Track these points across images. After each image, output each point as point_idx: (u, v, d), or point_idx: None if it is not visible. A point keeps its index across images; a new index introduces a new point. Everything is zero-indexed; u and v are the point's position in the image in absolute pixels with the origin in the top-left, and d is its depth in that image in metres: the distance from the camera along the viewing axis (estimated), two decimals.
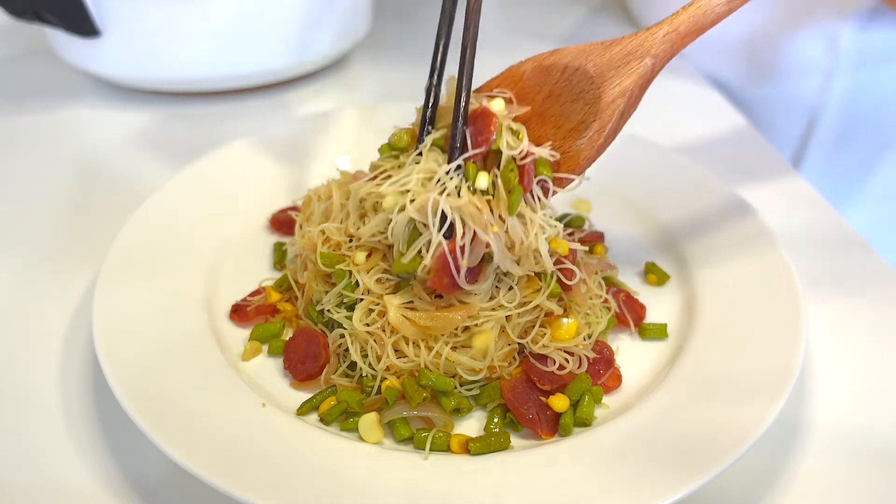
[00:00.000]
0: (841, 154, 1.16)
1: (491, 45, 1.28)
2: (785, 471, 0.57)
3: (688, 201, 0.79)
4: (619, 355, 0.64)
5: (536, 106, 0.63)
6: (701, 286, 0.69)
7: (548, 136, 0.62)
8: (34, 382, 0.63)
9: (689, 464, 0.50)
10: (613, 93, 0.59)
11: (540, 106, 0.63)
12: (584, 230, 0.77)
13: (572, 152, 0.61)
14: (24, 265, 0.77)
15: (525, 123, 0.62)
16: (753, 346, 0.60)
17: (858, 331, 0.70)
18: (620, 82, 0.59)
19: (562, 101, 0.61)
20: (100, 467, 0.56)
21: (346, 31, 1.13)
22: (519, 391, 0.58)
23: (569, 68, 0.61)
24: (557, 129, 0.62)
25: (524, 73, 0.64)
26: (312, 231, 0.66)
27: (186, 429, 0.52)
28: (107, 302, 0.62)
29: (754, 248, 0.70)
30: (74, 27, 0.95)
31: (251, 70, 1.05)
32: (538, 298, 0.60)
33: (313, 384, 0.61)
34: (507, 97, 0.63)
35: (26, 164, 0.95)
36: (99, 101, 1.09)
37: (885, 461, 0.57)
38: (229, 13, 0.98)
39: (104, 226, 0.81)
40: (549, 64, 0.63)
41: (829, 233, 0.83)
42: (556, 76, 0.62)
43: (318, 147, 0.88)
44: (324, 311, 0.65)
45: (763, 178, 0.92)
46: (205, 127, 1.03)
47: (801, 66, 1.10)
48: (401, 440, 0.57)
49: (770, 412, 0.52)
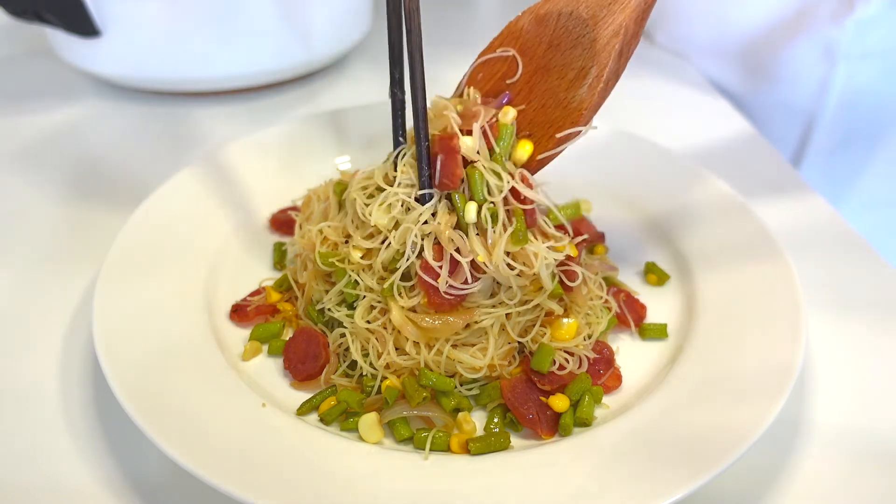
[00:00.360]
0: (839, 158, 1.16)
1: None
2: (785, 471, 0.57)
3: (688, 202, 0.79)
4: (619, 355, 0.64)
5: (538, 59, 0.62)
6: (701, 286, 0.69)
7: (553, 88, 0.61)
8: (34, 382, 0.63)
9: (689, 464, 0.50)
10: (607, 33, 0.57)
11: (542, 58, 0.62)
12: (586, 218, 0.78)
13: (575, 103, 0.59)
14: (24, 265, 0.77)
15: (530, 78, 0.62)
16: (753, 346, 0.60)
17: (858, 331, 0.70)
18: (613, 20, 0.57)
19: (562, 49, 0.60)
20: (100, 467, 0.56)
21: (346, 31, 1.13)
22: (519, 391, 0.58)
23: (563, 14, 0.60)
24: (562, 79, 0.60)
25: (523, 28, 0.63)
26: (311, 231, 0.66)
27: (186, 429, 0.52)
28: (107, 302, 0.62)
29: (754, 248, 0.70)
30: (74, 27, 0.95)
31: (251, 70, 1.05)
32: (539, 298, 0.60)
33: (313, 384, 0.61)
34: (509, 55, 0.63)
35: (26, 164, 0.95)
36: (99, 101, 1.09)
37: (886, 461, 0.57)
38: (229, 13, 0.98)
39: (104, 226, 0.81)
40: (544, 13, 0.62)
41: (829, 233, 0.83)
42: (553, 24, 0.61)
43: (318, 147, 0.88)
44: (324, 310, 0.65)
45: (764, 179, 0.93)
46: (205, 127, 1.03)
47: (798, 70, 1.11)
48: (401, 440, 0.57)
49: (770, 412, 0.52)
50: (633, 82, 1.11)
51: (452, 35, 1.34)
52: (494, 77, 0.65)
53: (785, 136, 1.17)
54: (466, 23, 1.43)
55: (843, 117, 1.11)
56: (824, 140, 1.14)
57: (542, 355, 0.59)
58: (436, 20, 1.41)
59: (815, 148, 1.15)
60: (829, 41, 1.06)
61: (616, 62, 0.58)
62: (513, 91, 0.64)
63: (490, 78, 0.66)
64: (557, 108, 0.61)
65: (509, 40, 0.64)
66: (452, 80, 0.68)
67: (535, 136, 0.61)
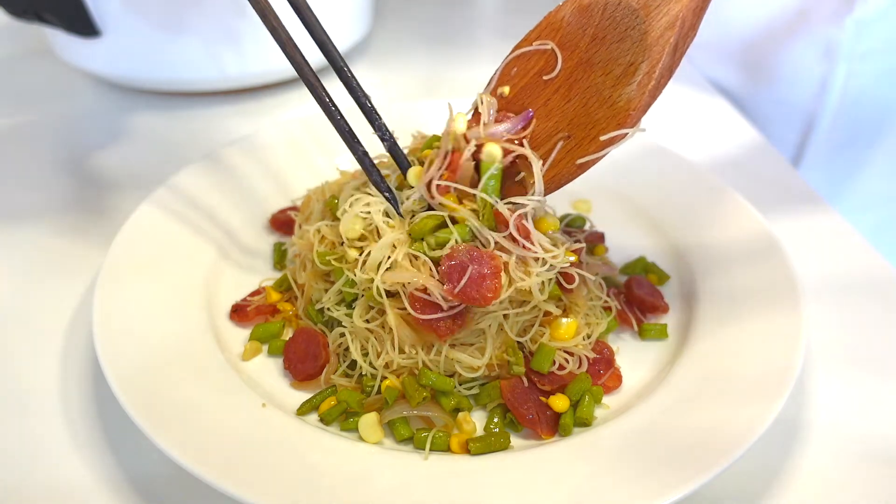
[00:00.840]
0: (839, 158, 1.16)
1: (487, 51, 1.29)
2: (785, 471, 0.57)
3: (689, 202, 0.79)
4: (619, 355, 0.64)
5: (581, 52, 0.57)
6: (701, 286, 0.69)
7: (597, 85, 0.56)
8: (34, 382, 0.63)
9: (689, 464, 0.50)
10: (661, 25, 0.52)
11: (585, 52, 0.57)
12: (585, 230, 0.77)
13: (622, 102, 0.54)
14: (25, 265, 0.77)
15: (570, 73, 0.57)
16: (753, 346, 0.60)
17: (859, 331, 0.70)
18: (668, 10, 0.52)
19: (607, 43, 0.55)
20: (100, 467, 0.56)
21: (346, 31, 1.13)
22: (519, 391, 0.58)
23: (610, 4, 0.55)
24: (607, 75, 0.55)
25: (563, 19, 0.58)
26: (309, 231, 0.66)
27: (186, 429, 0.52)
28: (107, 302, 0.62)
29: (754, 248, 0.70)
30: (74, 27, 0.95)
31: (251, 70, 1.05)
32: (536, 296, 0.60)
33: (313, 384, 0.61)
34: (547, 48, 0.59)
35: (26, 164, 0.95)
36: (99, 101, 1.09)
37: (885, 461, 0.57)
38: (229, 13, 0.98)
39: (104, 226, 0.81)
40: (588, 2, 0.57)
41: (829, 233, 0.83)
42: (598, 15, 0.56)
43: (317, 147, 0.88)
44: (323, 310, 0.65)
45: (764, 179, 0.92)
46: (205, 127, 1.03)
47: (798, 70, 1.11)
48: (401, 440, 0.57)
49: (770, 412, 0.52)
50: None
51: (452, 35, 1.35)
52: (530, 73, 0.60)
53: (785, 135, 1.17)
54: (466, 23, 1.43)
55: (844, 117, 1.11)
56: (824, 139, 1.14)
57: (543, 355, 0.59)
58: (436, 20, 1.41)
59: (815, 147, 1.15)
60: (829, 40, 1.06)
61: (670, 57, 0.53)
62: (551, 88, 0.59)
63: (525, 73, 0.61)
64: (602, 107, 0.55)
65: (548, 32, 0.59)
66: (452, 80, 0.68)
67: (576, 138, 0.57)
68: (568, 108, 0.57)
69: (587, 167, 0.57)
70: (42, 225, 0.83)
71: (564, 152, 0.57)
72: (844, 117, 1.11)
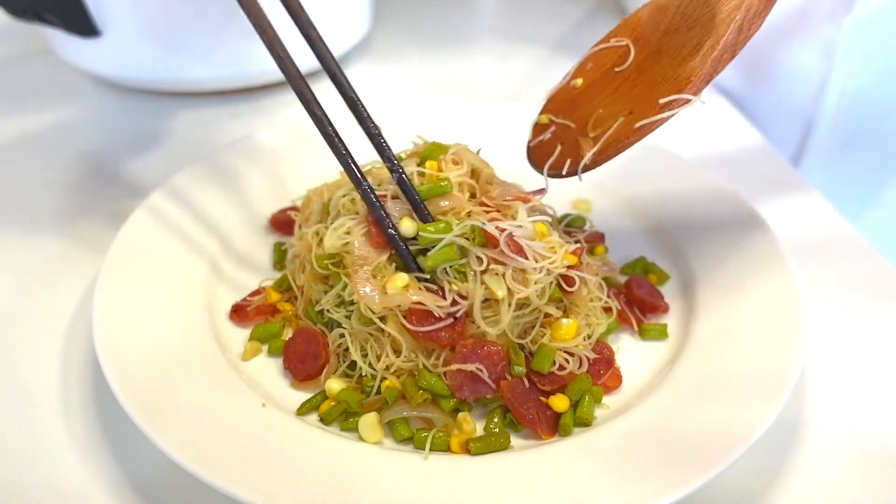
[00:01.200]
0: (839, 158, 1.16)
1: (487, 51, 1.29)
2: (785, 471, 0.57)
3: (688, 202, 0.79)
4: (619, 355, 0.64)
5: (654, 44, 0.62)
6: (701, 287, 0.69)
7: (664, 68, 0.60)
8: (34, 382, 0.63)
9: (690, 464, 0.50)
10: (729, 7, 0.56)
11: (657, 43, 0.61)
12: (585, 230, 0.77)
13: (685, 73, 0.57)
14: (25, 265, 0.77)
15: (641, 64, 0.62)
16: (753, 346, 0.60)
17: (859, 331, 0.70)
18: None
19: (679, 33, 0.60)
20: (100, 467, 0.56)
21: (346, 31, 1.13)
22: (519, 391, 0.58)
23: (683, 0, 0.60)
24: (673, 58, 0.59)
25: (640, 19, 0.64)
26: (307, 233, 0.66)
27: (186, 429, 0.52)
28: (107, 302, 0.62)
29: (754, 248, 0.70)
30: (74, 27, 0.95)
31: (251, 70, 1.05)
32: (535, 302, 0.60)
33: (313, 384, 0.61)
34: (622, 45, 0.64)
35: (26, 164, 0.95)
36: (99, 101, 1.09)
37: (885, 461, 0.57)
38: (229, 13, 0.98)
39: (104, 226, 0.81)
40: (664, 3, 0.62)
41: (829, 234, 0.83)
42: (672, 11, 0.61)
43: (317, 147, 0.87)
44: (323, 311, 0.65)
45: (763, 178, 0.93)
46: (205, 127, 1.03)
47: (797, 69, 1.11)
48: (401, 440, 0.57)
49: (770, 412, 0.52)
50: None
51: (452, 35, 1.35)
52: (604, 67, 0.65)
53: (785, 135, 1.17)
54: (466, 23, 1.43)
55: (843, 116, 1.11)
56: (824, 139, 1.14)
57: (543, 356, 0.59)
58: (436, 20, 1.41)
59: (815, 147, 1.15)
60: (829, 40, 1.05)
61: (735, 35, 0.55)
62: (621, 78, 0.63)
63: (599, 67, 0.65)
64: (665, 82, 0.59)
65: (624, 31, 0.64)
66: (452, 80, 0.68)
67: (637, 112, 0.59)
68: (634, 91, 0.61)
69: (645, 131, 0.58)
70: (41, 225, 0.83)
71: (624, 123, 0.60)
72: (844, 117, 1.11)
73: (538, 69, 1.19)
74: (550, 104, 0.69)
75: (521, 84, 1.15)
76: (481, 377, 0.57)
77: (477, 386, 0.57)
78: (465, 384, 0.57)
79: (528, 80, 1.16)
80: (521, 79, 1.17)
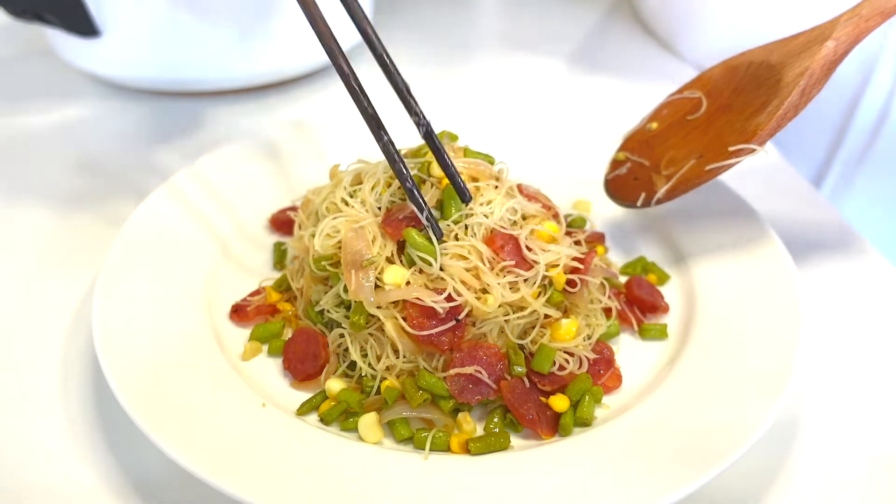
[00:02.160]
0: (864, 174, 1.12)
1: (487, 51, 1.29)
2: (784, 471, 0.57)
3: (688, 201, 0.79)
4: (619, 355, 0.64)
5: (724, 100, 0.70)
6: (701, 287, 0.69)
7: (732, 121, 0.67)
8: (34, 382, 0.63)
9: (689, 464, 0.50)
10: (794, 73, 0.63)
11: (727, 99, 0.69)
12: (585, 230, 0.77)
13: (752, 127, 0.64)
14: (25, 265, 0.77)
15: (711, 115, 0.70)
16: (753, 346, 0.60)
17: (858, 331, 0.70)
18: (801, 64, 0.62)
19: (747, 91, 0.67)
20: (100, 467, 0.56)
21: (346, 31, 1.13)
22: (519, 391, 0.58)
23: (753, 63, 0.67)
24: (740, 114, 0.67)
25: (713, 76, 0.72)
26: (304, 236, 0.66)
27: (186, 429, 0.52)
28: (107, 302, 0.62)
29: (754, 248, 0.70)
30: (74, 27, 0.95)
31: (252, 70, 1.05)
32: (534, 304, 0.60)
33: (313, 384, 0.61)
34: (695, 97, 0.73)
35: (26, 163, 0.95)
36: (99, 101, 1.09)
37: (885, 461, 0.57)
38: (229, 13, 0.98)
39: (104, 225, 0.81)
40: (735, 64, 0.70)
41: (830, 234, 0.83)
42: (742, 72, 0.68)
43: (317, 147, 0.88)
44: (323, 311, 0.65)
45: (763, 178, 0.92)
46: (205, 127, 1.03)
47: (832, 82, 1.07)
48: (401, 440, 0.57)
49: (769, 412, 0.52)
50: (646, 89, 1.11)
51: (452, 35, 1.34)
52: (678, 114, 0.73)
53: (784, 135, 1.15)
54: (466, 23, 1.42)
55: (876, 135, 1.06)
56: (852, 157, 1.10)
57: (543, 356, 0.59)
58: (436, 20, 1.41)
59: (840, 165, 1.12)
60: (869, 51, 1.02)
61: (798, 97, 0.62)
62: (692, 125, 0.71)
63: (674, 114, 0.74)
64: (733, 134, 0.66)
65: (697, 85, 0.73)
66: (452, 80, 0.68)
67: (707, 156, 0.67)
68: (704, 138, 0.69)
69: (714, 173, 0.66)
70: (41, 225, 0.83)
71: (696, 165, 0.68)
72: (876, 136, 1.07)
73: (544, 73, 1.19)
74: (627, 143, 0.77)
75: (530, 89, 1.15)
76: (482, 379, 0.57)
77: (478, 388, 0.57)
78: (466, 388, 0.57)
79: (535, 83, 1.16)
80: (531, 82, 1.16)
